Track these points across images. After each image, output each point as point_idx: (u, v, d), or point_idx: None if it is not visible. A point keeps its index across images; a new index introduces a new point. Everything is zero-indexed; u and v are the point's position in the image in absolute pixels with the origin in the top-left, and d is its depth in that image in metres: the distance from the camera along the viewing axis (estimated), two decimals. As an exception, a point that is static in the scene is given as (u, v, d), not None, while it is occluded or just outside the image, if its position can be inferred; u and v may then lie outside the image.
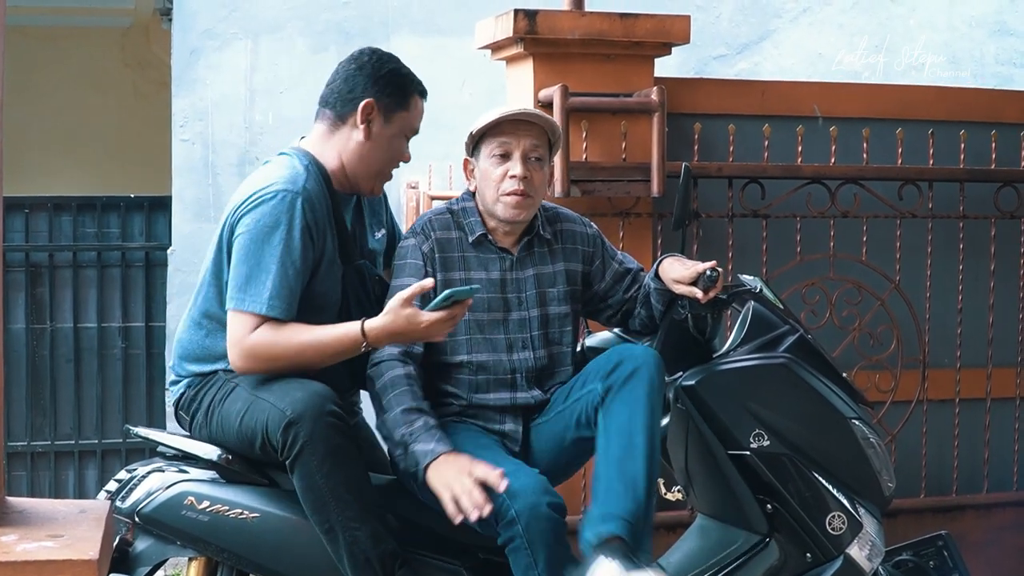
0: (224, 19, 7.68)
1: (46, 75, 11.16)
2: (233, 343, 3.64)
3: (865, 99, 5.53)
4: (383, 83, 3.84)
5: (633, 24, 5.05)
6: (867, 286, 5.32)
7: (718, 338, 3.98)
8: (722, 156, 5.20)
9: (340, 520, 3.54)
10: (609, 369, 3.68)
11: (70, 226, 8.28)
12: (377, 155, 3.86)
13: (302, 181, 3.70)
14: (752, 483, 3.81)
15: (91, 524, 3.05)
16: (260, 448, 3.62)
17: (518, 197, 3.81)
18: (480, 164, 3.89)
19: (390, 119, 3.85)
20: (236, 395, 3.69)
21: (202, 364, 3.82)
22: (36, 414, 8.25)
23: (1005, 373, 5.56)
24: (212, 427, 3.74)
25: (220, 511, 3.68)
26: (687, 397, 3.82)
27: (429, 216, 3.93)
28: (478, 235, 3.88)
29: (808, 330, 4.05)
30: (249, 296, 3.62)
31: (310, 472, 3.52)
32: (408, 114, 3.87)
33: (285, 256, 3.62)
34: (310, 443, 3.50)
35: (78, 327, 8.29)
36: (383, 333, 3.58)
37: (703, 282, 3.75)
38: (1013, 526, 5.54)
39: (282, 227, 3.63)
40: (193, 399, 3.81)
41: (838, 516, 3.81)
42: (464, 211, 3.93)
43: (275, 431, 3.53)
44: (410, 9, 7.87)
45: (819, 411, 3.84)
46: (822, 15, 8.35)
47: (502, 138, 3.84)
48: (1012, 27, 8.50)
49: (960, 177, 5.40)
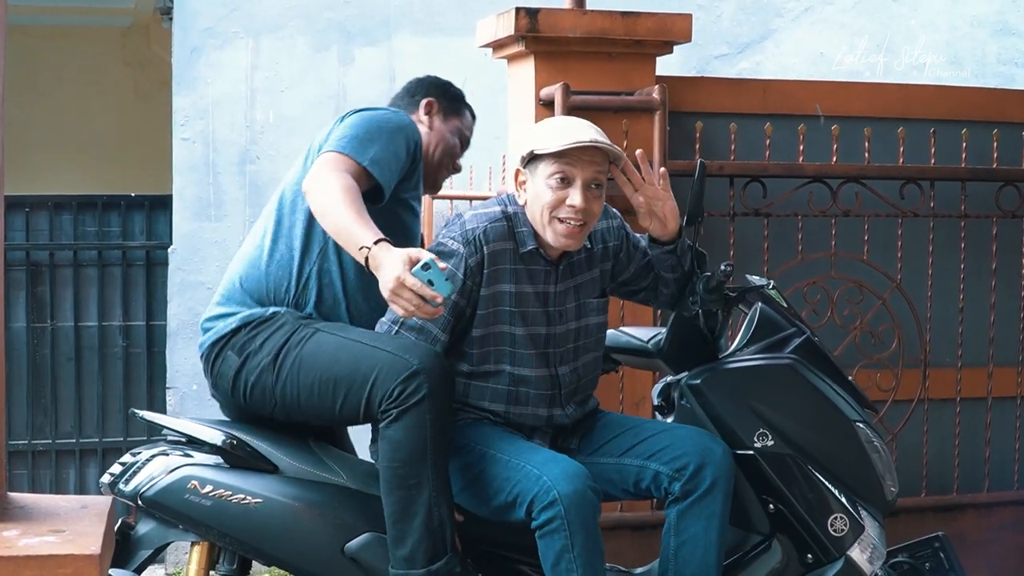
0: (225, 18, 7.67)
1: (47, 74, 11.17)
2: (318, 166, 3.69)
3: (867, 98, 5.53)
4: (441, 89, 4.19)
5: (635, 22, 5.05)
6: (868, 285, 5.33)
7: (724, 339, 3.99)
8: (723, 155, 5.20)
9: (431, 478, 3.53)
10: (690, 472, 3.69)
11: (71, 225, 8.28)
12: (437, 147, 4.10)
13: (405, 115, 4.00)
14: (755, 483, 3.82)
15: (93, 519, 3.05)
16: (344, 396, 3.60)
17: (572, 227, 3.70)
18: (535, 181, 3.72)
19: (447, 119, 4.14)
20: (322, 339, 3.67)
21: (261, 306, 3.80)
22: (37, 412, 8.26)
23: (1006, 372, 5.56)
24: (283, 370, 3.68)
25: (223, 496, 3.68)
26: (692, 395, 3.83)
27: (484, 223, 3.75)
28: (530, 248, 3.76)
29: (815, 332, 4.05)
30: (353, 148, 3.73)
31: (422, 424, 3.51)
32: (462, 122, 4.18)
33: (397, 146, 3.80)
34: (432, 395, 3.51)
35: (79, 326, 8.29)
36: (380, 259, 3.41)
37: (718, 275, 3.76)
38: (1014, 525, 5.54)
39: (401, 128, 3.86)
40: (251, 338, 3.75)
41: (840, 518, 3.81)
42: (517, 218, 3.78)
43: (392, 378, 3.52)
44: (411, 8, 7.87)
45: (824, 413, 3.85)
46: (823, 14, 8.35)
47: (565, 162, 3.68)
48: (1014, 27, 8.50)
49: (962, 176, 5.40)
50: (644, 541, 4.86)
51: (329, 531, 3.68)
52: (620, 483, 3.84)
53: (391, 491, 3.55)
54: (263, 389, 3.72)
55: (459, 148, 4.18)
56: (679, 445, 3.75)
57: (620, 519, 5.06)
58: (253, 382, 3.73)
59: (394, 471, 3.54)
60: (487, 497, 3.67)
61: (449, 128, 4.13)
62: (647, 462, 3.77)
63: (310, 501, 3.69)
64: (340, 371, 3.61)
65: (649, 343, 4.01)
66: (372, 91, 7.47)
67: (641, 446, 3.80)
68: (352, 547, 3.68)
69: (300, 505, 3.68)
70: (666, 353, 3.91)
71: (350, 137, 3.75)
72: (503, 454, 3.65)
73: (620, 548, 4.74)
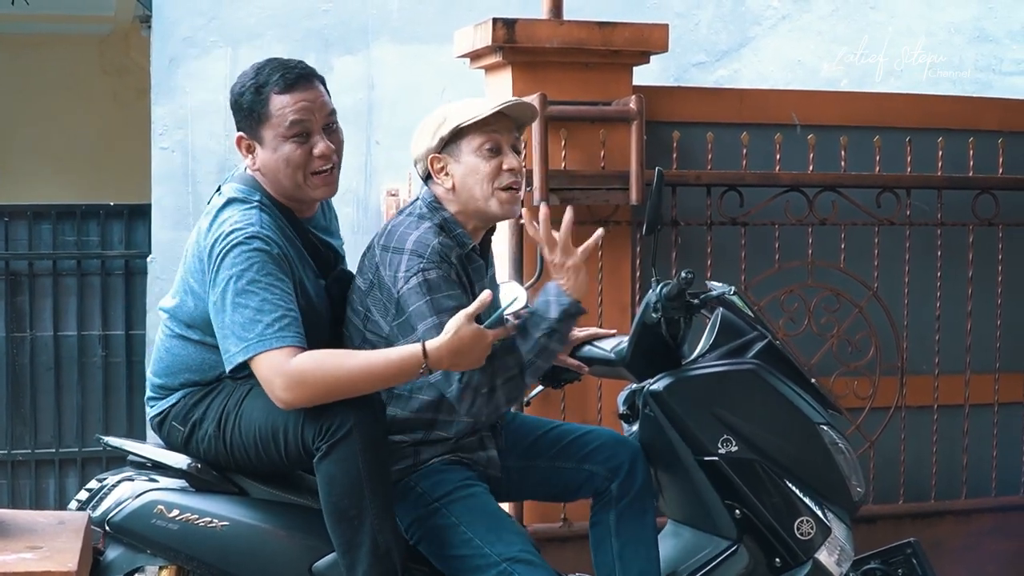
0: (203, 27, 7.67)
1: (25, 82, 11.15)
2: (270, 378, 3.46)
3: (843, 107, 5.55)
4: (238, 107, 3.68)
5: (611, 33, 5.06)
6: (845, 293, 5.34)
7: (687, 345, 3.99)
8: (700, 164, 5.21)
9: (371, 508, 3.50)
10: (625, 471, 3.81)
11: (50, 234, 8.27)
12: (277, 173, 3.65)
13: (254, 216, 3.59)
14: (721, 488, 3.82)
15: (70, 536, 3.06)
16: (284, 442, 3.55)
17: (515, 191, 3.68)
18: (462, 160, 3.65)
19: (262, 136, 3.65)
20: (256, 394, 3.59)
21: (199, 374, 3.73)
22: (16, 422, 8.24)
23: (983, 379, 5.58)
24: (228, 434, 3.64)
25: (189, 519, 3.67)
26: (655, 403, 3.83)
27: (432, 242, 3.58)
28: (470, 247, 3.71)
29: (777, 336, 4.06)
30: (253, 340, 3.48)
31: (353, 455, 3.47)
32: (273, 119, 3.63)
33: (266, 292, 3.51)
34: (358, 427, 3.46)
35: (58, 335, 8.29)
36: (446, 352, 3.40)
37: (679, 283, 3.76)
38: (991, 532, 5.56)
39: (253, 266, 3.52)
40: (192, 409, 3.71)
41: (807, 521, 3.82)
42: (448, 223, 3.67)
43: (317, 415, 3.47)
44: (390, 17, 7.87)
45: (787, 416, 3.85)
46: (801, 22, 8.38)
47: (491, 129, 3.64)
48: (991, 33, 8.54)
49: (938, 184, 5.42)
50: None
51: (296, 552, 3.67)
52: (555, 485, 3.88)
53: (334, 525, 3.53)
54: (216, 454, 3.69)
55: (295, 146, 3.63)
56: (609, 445, 3.83)
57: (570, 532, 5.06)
58: (205, 448, 3.70)
59: (333, 505, 3.52)
60: (450, 568, 3.66)
61: (273, 145, 3.64)
62: (581, 464, 3.82)
63: (277, 523, 3.68)
64: (275, 421, 3.56)
65: (612, 351, 4.00)
66: (350, 99, 7.47)
67: (571, 447, 3.85)
68: (319, 567, 3.67)
69: (267, 527, 3.66)
70: (629, 362, 3.91)
71: (239, 330, 3.49)
72: (473, 533, 3.62)
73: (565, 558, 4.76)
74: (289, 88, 3.62)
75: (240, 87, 3.67)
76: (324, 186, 3.70)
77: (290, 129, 3.62)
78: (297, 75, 3.65)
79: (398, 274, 3.57)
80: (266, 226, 3.59)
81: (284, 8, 7.82)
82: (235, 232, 3.56)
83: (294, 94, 3.63)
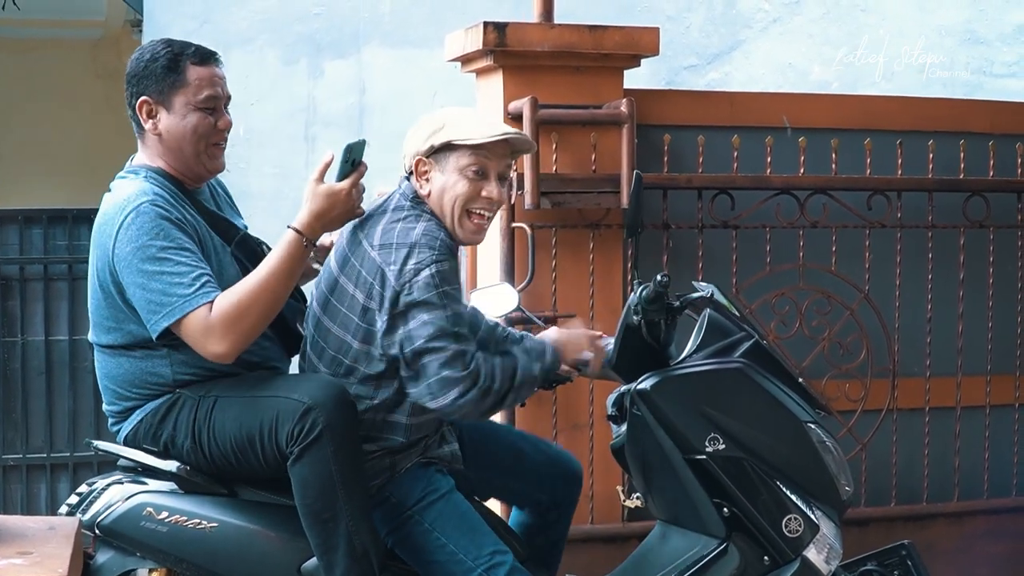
0: (194, 31, 7.66)
1: (17, 87, 11.14)
2: (200, 338, 3.54)
3: (833, 109, 5.56)
4: (146, 76, 3.76)
5: (602, 36, 5.07)
6: (836, 296, 5.35)
7: (674, 345, 3.99)
8: (691, 167, 5.22)
9: (346, 509, 3.53)
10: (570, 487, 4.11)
11: (41, 239, 8.23)
12: (181, 140, 3.74)
13: (147, 190, 3.67)
14: (709, 487, 3.83)
15: (60, 541, 3.06)
16: (260, 448, 3.57)
17: (483, 221, 3.68)
18: (446, 173, 3.64)
19: (171, 103, 3.73)
20: (224, 405, 3.63)
21: (154, 389, 3.73)
22: (7, 427, 8.21)
23: (975, 381, 5.59)
24: (205, 447, 3.65)
25: (179, 521, 3.68)
26: (642, 402, 3.83)
27: (439, 235, 3.60)
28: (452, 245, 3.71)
29: (764, 336, 4.07)
30: (177, 302, 3.54)
31: (325, 459, 3.50)
32: (189, 87, 3.72)
33: (175, 254, 3.57)
34: (329, 428, 3.49)
35: (50, 340, 8.24)
36: (312, 219, 3.60)
37: (655, 286, 3.76)
38: (984, 534, 5.57)
39: (159, 234, 3.58)
40: (159, 427, 3.71)
41: (795, 519, 3.82)
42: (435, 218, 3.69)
43: (288, 420, 3.50)
44: (381, 21, 7.87)
45: (774, 415, 3.86)
46: (792, 25, 8.38)
47: (483, 154, 3.63)
48: (982, 36, 8.54)
49: (928, 187, 5.43)
50: (615, 552, 4.87)
51: (285, 553, 3.69)
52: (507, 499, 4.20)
53: (310, 527, 3.56)
54: (198, 463, 3.70)
55: (204, 117, 3.74)
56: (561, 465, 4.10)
57: (590, 531, 5.08)
58: (187, 460, 3.71)
59: (308, 507, 3.55)
60: (428, 573, 3.70)
61: (182, 113, 3.73)
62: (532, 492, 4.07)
63: (265, 524, 3.69)
64: (249, 430, 3.59)
65: None
66: (341, 103, 7.46)
67: (524, 471, 4.04)
68: (308, 568, 3.69)
69: (256, 528, 3.68)
70: (616, 363, 3.92)
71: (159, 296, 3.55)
72: (447, 539, 3.67)
73: (590, 560, 4.76)
74: (204, 62, 3.79)
75: (151, 54, 3.79)
76: (218, 158, 3.83)
77: (204, 101, 3.75)
78: (211, 52, 3.83)
79: (406, 267, 3.55)
80: (157, 194, 3.67)
81: (275, 12, 7.81)
82: (128, 203, 3.65)
83: (209, 67, 3.79)
